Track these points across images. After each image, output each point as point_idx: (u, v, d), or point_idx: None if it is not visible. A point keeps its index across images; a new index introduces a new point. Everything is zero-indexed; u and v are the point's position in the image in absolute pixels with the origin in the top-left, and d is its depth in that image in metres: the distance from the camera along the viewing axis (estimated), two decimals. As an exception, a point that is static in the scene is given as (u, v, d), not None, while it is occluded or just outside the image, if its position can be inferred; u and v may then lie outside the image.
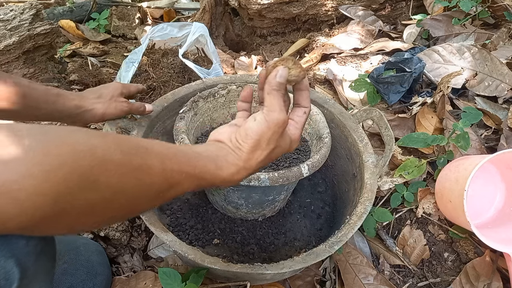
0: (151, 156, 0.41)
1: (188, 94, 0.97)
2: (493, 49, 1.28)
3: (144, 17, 1.90)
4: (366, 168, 0.86)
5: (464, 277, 0.90)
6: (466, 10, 1.41)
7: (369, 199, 0.81)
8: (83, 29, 1.74)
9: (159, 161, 0.42)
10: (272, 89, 0.52)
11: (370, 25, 1.54)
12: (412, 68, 1.16)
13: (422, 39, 1.49)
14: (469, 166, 0.87)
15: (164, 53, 1.33)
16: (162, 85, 1.25)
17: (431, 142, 1.00)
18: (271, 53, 1.68)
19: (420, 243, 0.96)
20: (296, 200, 1.04)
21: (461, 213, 0.84)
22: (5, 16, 1.24)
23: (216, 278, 0.85)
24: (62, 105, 0.75)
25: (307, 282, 0.91)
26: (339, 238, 0.74)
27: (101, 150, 0.36)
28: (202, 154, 0.48)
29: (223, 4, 1.74)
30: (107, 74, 1.41)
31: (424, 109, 1.14)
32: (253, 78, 1.02)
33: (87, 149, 0.35)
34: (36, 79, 1.31)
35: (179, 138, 0.79)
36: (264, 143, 0.50)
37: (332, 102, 0.99)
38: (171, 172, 0.43)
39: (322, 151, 0.80)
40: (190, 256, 0.69)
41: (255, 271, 0.69)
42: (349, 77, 1.30)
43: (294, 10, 1.61)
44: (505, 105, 1.14)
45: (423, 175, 1.05)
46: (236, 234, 0.94)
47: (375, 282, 0.89)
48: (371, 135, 1.14)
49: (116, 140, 0.39)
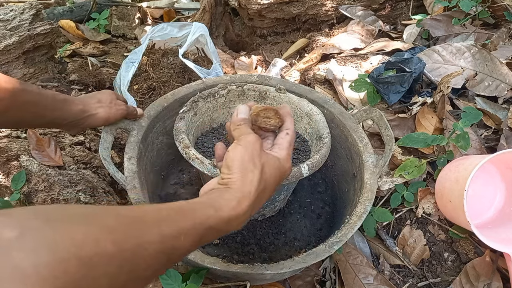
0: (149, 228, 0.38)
1: (188, 94, 0.97)
2: (493, 49, 1.28)
3: (144, 17, 1.90)
4: (366, 168, 0.86)
5: (464, 277, 0.90)
6: (466, 10, 1.41)
7: (369, 199, 0.81)
8: (83, 29, 1.74)
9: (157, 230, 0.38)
10: (236, 126, 0.56)
11: (370, 25, 1.54)
12: (412, 68, 1.16)
13: (422, 39, 1.49)
14: (469, 166, 0.87)
15: (164, 53, 1.33)
16: (162, 85, 1.25)
17: (431, 142, 1.00)
18: (271, 53, 1.68)
19: (420, 243, 0.96)
20: (296, 200, 1.04)
21: (461, 213, 0.84)
22: (5, 16, 1.24)
23: (216, 278, 0.85)
24: (68, 110, 0.75)
25: (307, 282, 0.91)
26: (339, 238, 0.74)
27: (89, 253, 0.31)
28: (196, 205, 0.46)
29: (223, 4, 1.74)
30: (107, 74, 1.41)
31: (424, 109, 1.14)
32: (253, 78, 1.02)
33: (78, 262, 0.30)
34: (36, 79, 1.31)
35: (179, 138, 0.79)
36: (249, 163, 0.50)
37: (332, 102, 0.99)
38: (169, 239, 0.39)
39: (322, 151, 0.80)
40: (190, 256, 0.69)
41: (255, 271, 0.69)
42: (349, 77, 1.30)
43: (294, 10, 1.61)
44: (505, 105, 1.14)
45: (423, 175, 1.05)
46: (236, 234, 0.94)
47: (375, 282, 0.89)
48: (371, 135, 1.14)
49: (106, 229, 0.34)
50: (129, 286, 0.35)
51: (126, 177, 0.79)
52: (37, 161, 0.95)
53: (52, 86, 1.32)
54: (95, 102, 0.81)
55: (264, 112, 0.61)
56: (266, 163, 0.52)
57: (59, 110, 0.74)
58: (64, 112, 0.74)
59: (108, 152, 0.82)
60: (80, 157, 1.03)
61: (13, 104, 0.66)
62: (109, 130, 0.84)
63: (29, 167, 0.94)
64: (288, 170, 0.57)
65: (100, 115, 0.80)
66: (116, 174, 0.78)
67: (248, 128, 0.56)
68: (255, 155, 0.51)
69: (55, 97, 0.73)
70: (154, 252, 0.37)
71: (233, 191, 0.48)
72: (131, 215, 0.39)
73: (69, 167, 0.99)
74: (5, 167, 0.95)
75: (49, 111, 0.72)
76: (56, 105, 0.73)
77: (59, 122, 0.76)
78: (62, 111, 0.74)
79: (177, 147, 0.79)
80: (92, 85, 1.36)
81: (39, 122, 0.75)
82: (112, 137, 0.84)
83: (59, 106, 0.74)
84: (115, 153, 1.09)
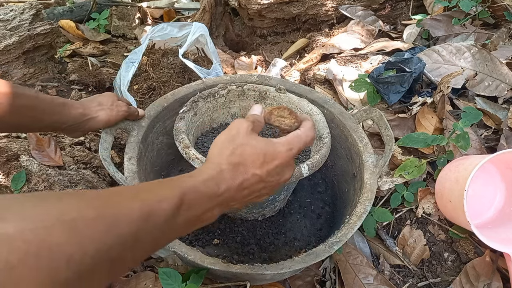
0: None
1: (188, 94, 0.97)
2: (493, 49, 1.28)
3: (144, 17, 1.90)
4: (366, 168, 0.86)
5: (464, 277, 0.90)
6: (466, 10, 1.41)
7: (368, 199, 0.81)
8: (83, 29, 1.74)
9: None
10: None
11: (370, 25, 1.54)
12: (412, 68, 1.16)
13: (422, 39, 1.49)
14: (469, 166, 0.87)
15: (164, 53, 1.33)
16: (162, 85, 1.25)
17: (431, 142, 1.00)
18: (271, 53, 1.68)
19: (420, 243, 0.96)
20: (296, 200, 1.04)
21: (461, 213, 0.84)
22: (5, 16, 1.24)
23: (216, 278, 0.85)
24: (67, 114, 0.74)
25: (307, 282, 0.91)
26: (339, 238, 0.74)
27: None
28: (174, 177, 0.49)
29: (223, 4, 1.74)
30: (107, 74, 1.41)
31: (424, 109, 1.14)
32: (253, 78, 1.02)
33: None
34: (36, 79, 1.31)
35: (179, 138, 0.79)
36: (225, 141, 0.53)
37: (332, 102, 0.99)
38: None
39: (322, 151, 0.80)
40: (190, 256, 0.69)
41: (255, 271, 0.69)
42: (349, 77, 1.30)
43: (294, 10, 1.61)
44: (505, 105, 1.14)
45: (423, 175, 1.05)
46: (236, 234, 0.94)
47: (375, 282, 0.89)
48: (371, 135, 1.14)
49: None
50: (116, 252, 0.35)
51: (126, 177, 0.79)
52: (37, 161, 0.95)
53: (52, 86, 1.32)
54: (96, 105, 0.80)
55: (278, 111, 0.61)
56: (248, 142, 0.53)
57: (58, 114, 0.73)
58: (63, 116, 0.74)
59: (108, 153, 0.82)
60: (80, 157, 1.03)
61: (10, 108, 0.66)
62: (109, 131, 0.84)
63: (29, 167, 0.94)
64: (282, 154, 0.54)
65: (101, 118, 0.80)
66: (116, 174, 0.78)
67: (250, 119, 0.57)
68: (235, 134, 0.53)
69: (54, 101, 0.73)
70: (136, 217, 0.38)
71: (206, 162, 0.52)
72: (110, 190, 0.41)
73: (69, 167, 0.99)
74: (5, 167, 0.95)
75: (47, 115, 0.72)
76: (55, 109, 0.73)
77: (58, 126, 0.75)
78: (61, 115, 0.74)
79: (177, 147, 0.79)
80: (92, 85, 1.36)
81: (38, 126, 0.74)
82: (112, 138, 0.84)
83: (58, 110, 0.73)
84: (115, 153, 1.09)
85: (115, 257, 0.35)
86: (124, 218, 0.37)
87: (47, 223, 0.31)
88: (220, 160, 0.51)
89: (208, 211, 0.48)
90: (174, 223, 0.43)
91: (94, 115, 0.79)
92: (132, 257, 0.39)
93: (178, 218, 0.43)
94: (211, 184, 0.48)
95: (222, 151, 0.52)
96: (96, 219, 0.34)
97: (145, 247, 0.40)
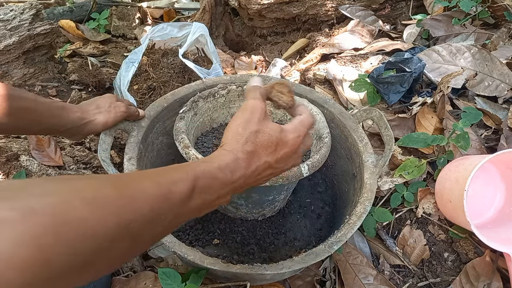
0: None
1: (188, 94, 0.97)
2: (493, 49, 1.28)
3: (144, 17, 1.90)
4: (366, 168, 0.86)
5: (464, 277, 0.90)
6: (466, 10, 1.41)
7: (368, 199, 0.81)
8: (83, 29, 1.74)
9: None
10: (247, 90, 0.58)
11: (370, 25, 1.54)
12: (412, 68, 1.16)
13: (422, 39, 1.49)
14: (469, 166, 0.87)
15: (164, 53, 1.33)
16: (162, 85, 1.25)
17: (431, 142, 1.00)
18: (271, 53, 1.68)
19: (420, 243, 0.96)
20: (296, 200, 1.04)
21: (461, 213, 0.84)
22: (5, 16, 1.24)
23: (216, 278, 0.85)
24: (66, 118, 0.74)
25: (307, 282, 0.91)
26: (339, 238, 0.74)
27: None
28: (189, 162, 0.51)
29: (223, 4, 1.74)
30: (107, 74, 1.41)
31: (424, 109, 1.14)
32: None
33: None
34: (36, 79, 1.31)
35: (179, 138, 0.79)
36: (239, 127, 0.53)
37: (332, 102, 0.99)
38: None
39: (322, 151, 0.80)
40: (190, 257, 0.69)
41: (255, 271, 0.69)
42: (349, 77, 1.30)
43: (294, 10, 1.61)
44: (505, 105, 1.14)
45: (423, 175, 1.05)
46: (236, 234, 0.94)
47: (375, 282, 0.89)
48: (371, 135, 1.14)
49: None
50: (135, 228, 0.37)
51: (126, 177, 0.78)
52: (37, 161, 0.95)
53: (52, 86, 1.32)
54: (94, 108, 0.80)
55: (279, 87, 0.61)
56: (262, 129, 0.53)
57: (57, 117, 0.73)
58: (61, 119, 0.74)
59: (107, 154, 0.82)
60: (80, 157, 1.03)
61: (9, 111, 0.66)
62: (108, 132, 0.84)
63: (29, 167, 0.94)
64: (290, 142, 0.56)
65: (98, 121, 0.80)
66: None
67: (256, 93, 0.57)
68: (250, 119, 0.54)
69: (52, 104, 0.73)
70: (153, 196, 0.40)
71: (221, 149, 0.52)
72: (128, 173, 0.44)
73: (69, 167, 0.99)
74: (5, 167, 0.95)
75: (45, 118, 0.72)
76: (53, 112, 0.73)
77: (57, 129, 0.75)
78: (59, 118, 0.74)
79: (177, 147, 0.79)
80: (92, 85, 1.36)
81: (36, 129, 0.74)
82: (111, 139, 0.84)
83: (57, 114, 0.73)
84: (115, 153, 1.09)
85: (134, 233, 0.36)
86: (142, 195, 0.39)
87: (70, 198, 0.32)
88: (235, 147, 0.52)
89: (222, 197, 0.49)
90: (189, 204, 0.44)
91: (92, 118, 0.79)
92: (151, 235, 0.40)
93: (193, 201, 0.45)
94: (227, 171, 0.49)
95: (237, 138, 0.52)
96: (116, 196, 0.36)
97: (163, 224, 0.41)
